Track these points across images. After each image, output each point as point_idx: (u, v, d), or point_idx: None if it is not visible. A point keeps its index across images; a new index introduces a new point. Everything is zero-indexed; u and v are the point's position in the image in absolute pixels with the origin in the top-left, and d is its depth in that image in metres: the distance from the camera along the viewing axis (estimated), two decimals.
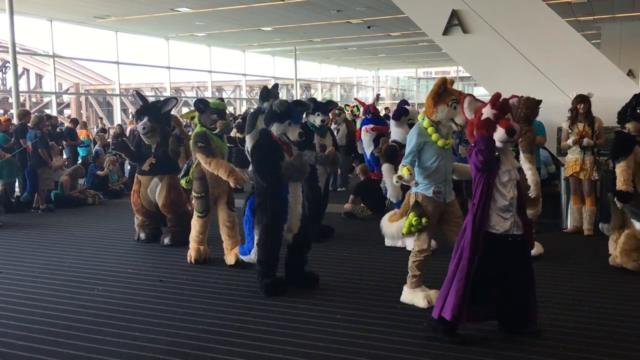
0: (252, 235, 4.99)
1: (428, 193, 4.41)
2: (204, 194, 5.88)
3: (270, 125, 4.84)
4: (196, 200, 5.95)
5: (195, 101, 5.99)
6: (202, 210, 5.94)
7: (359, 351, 3.76)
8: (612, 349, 3.73)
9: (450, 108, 4.35)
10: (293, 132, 4.82)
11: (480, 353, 3.69)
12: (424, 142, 4.40)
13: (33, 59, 28.24)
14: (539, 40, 7.89)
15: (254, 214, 4.91)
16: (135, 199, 6.96)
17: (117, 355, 3.77)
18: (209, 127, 5.82)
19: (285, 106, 4.79)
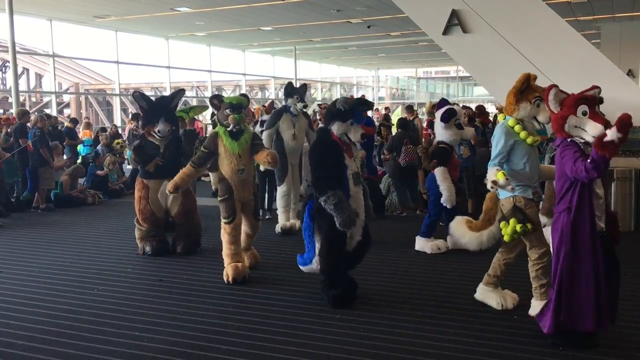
0: (312, 243, 4.67)
1: (527, 195, 4.15)
2: (227, 196, 5.39)
3: (330, 123, 4.55)
4: (220, 205, 5.45)
5: (210, 98, 5.64)
6: (228, 214, 5.38)
7: (359, 351, 3.76)
8: (613, 348, 3.73)
9: (533, 106, 4.13)
10: (355, 132, 4.52)
11: (479, 352, 3.69)
12: (513, 141, 4.15)
13: (33, 59, 28.23)
14: (539, 40, 7.89)
15: (314, 220, 4.59)
16: (144, 206, 6.31)
17: (118, 354, 3.77)
18: (223, 123, 5.49)
19: (350, 104, 4.53)
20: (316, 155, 4.55)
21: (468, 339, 3.90)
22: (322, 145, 4.56)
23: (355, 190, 4.53)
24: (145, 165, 6.35)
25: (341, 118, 4.50)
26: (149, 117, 6.31)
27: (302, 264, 4.87)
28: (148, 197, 6.31)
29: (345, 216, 4.30)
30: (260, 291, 5.00)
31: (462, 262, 5.85)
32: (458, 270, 5.58)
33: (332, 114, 4.54)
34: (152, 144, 6.35)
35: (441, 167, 6.17)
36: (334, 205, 4.30)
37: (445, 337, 3.95)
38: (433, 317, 4.32)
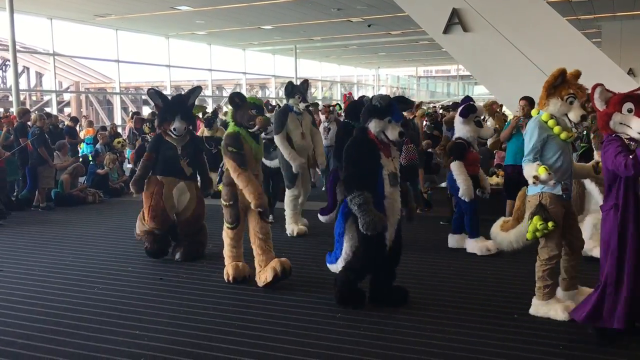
0: (341, 242, 4.54)
1: (557, 191, 4.05)
2: (232, 202, 5.17)
3: (367, 121, 4.38)
4: (225, 210, 5.24)
5: (231, 95, 5.22)
6: (232, 220, 5.20)
7: (359, 349, 3.76)
8: (616, 347, 3.73)
9: (565, 102, 4.03)
10: (393, 130, 4.34)
11: (479, 351, 3.69)
12: (547, 135, 4.05)
13: (33, 57, 28.25)
14: (540, 39, 7.90)
15: (347, 219, 4.46)
16: (156, 202, 5.92)
17: (118, 353, 3.77)
18: (246, 125, 5.08)
19: (387, 101, 4.36)
20: (350, 153, 4.37)
21: (469, 338, 3.89)
22: (357, 143, 4.39)
23: (391, 191, 4.35)
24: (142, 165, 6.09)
25: (378, 115, 4.32)
26: (164, 115, 6.05)
27: (330, 262, 4.77)
28: (162, 193, 5.95)
29: (369, 219, 4.14)
30: (260, 290, 4.99)
31: (463, 261, 5.85)
32: (459, 270, 5.57)
33: (369, 111, 4.38)
34: (169, 144, 6.04)
35: (457, 162, 6.11)
36: (358, 206, 4.18)
37: (445, 336, 3.94)
38: (434, 316, 4.31)
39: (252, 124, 5.04)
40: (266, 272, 4.98)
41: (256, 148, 5.17)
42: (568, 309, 4.09)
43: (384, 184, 4.32)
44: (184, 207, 6.08)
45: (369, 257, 4.37)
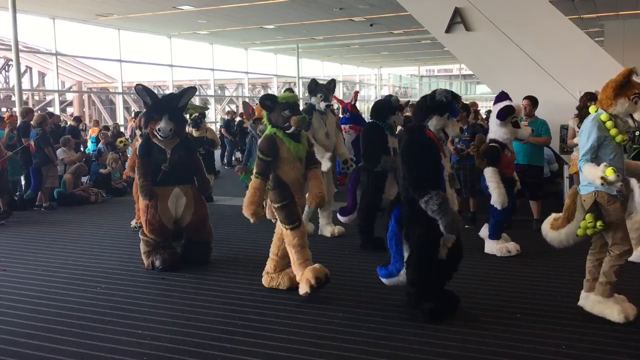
0: (400, 253, 4.25)
1: (611, 191, 3.97)
2: (287, 201, 4.81)
3: (427, 119, 4.17)
4: (279, 212, 4.85)
5: (261, 98, 4.97)
6: (293, 219, 4.81)
7: (362, 349, 3.76)
8: (614, 347, 3.72)
9: (631, 102, 3.99)
10: (453, 126, 4.18)
11: (482, 351, 3.69)
12: (603, 136, 3.98)
13: (36, 57, 28.26)
14: (542, 38, 7.89)
15: (402, 227, 4.19)
16: (152, 216, 5.63)
17: (120, 352, 3.77)
18: (281, 126, 4.84)
19: (450, 95, 4.14)
20: (412, 154, 4.09)
21: (472, 337, 3.89)
22: (418, 143, 4.12)
23: (450, 193, 4.13)
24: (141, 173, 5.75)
25: (439, 111, 4.14)
26: (151, 113, 5.73)
27: (386, 276, 4.42)
28: (157, 205, 5.65)
29: (451, 218, 3.91)
30: (264, 290, 4.99)
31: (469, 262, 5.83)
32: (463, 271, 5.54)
33: (430, 108, 4.16)
34: (158, 147, 5.69)
35: (490, 168, 5.90)
36: (438, 206, 3.88)
37: (447, 335, 3.94)
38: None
39: (287, 125, 4.80)
40: (279, 278, 4.92)
41: (296, 148, 4.85)
42: (625, 312, 4.03)
43: (445, 186, 4.10)
44: (182, 212, 5.79)
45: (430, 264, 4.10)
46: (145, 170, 5.67)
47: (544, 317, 4.21)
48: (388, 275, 4.40)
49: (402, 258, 4.23)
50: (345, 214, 6.72)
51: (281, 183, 4.84)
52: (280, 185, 4.84)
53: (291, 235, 4.79)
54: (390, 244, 4.31)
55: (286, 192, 4.82)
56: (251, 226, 7.12)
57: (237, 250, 6.49)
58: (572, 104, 6.93)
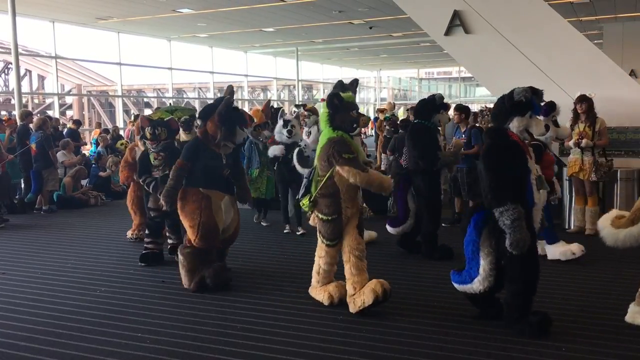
0: (476, 260, 4.05)
1: None
2: (335, 216, 4.50)
3: (507, 121, 3.95)
4: (324, 225, 4.55)
5: (330, 96, 4.55)
6: (334, 237, 4.53)
7: (361, 352, 3.75)
8: (615, 349, 3.72)
9: None
10: (537, 125, 3.96)
11: (482, 354, 3.68)
12: None
13: (35, 61, 28.27)
14: (541, 41, 7.89)
15: (480, 234, 4.00)
16: (207, 217, 5.01)
17: (120, 355, 3.77)
18: (347, 128, 4.51)
19: (530, 93, 3.93)
20: (495, 161, 3.86)
21: (470, 340, 3.88)
22: (502, 148, 3.89)
23: (538, 196, 3.94)
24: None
25: (520, 112, 3.91)
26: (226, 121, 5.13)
27: (459, 282, 4.20)
28: (211, 208, 5.09)
29: (519, 237, 3.70)
30: (263, 294, 4.99)
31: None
32: None
33: (510, 109, 3.93)
34: (213, 153, 5.17)
35: None
36: (512, 222, 3.70)
37: (447, 337, 3.94)
38: (435, 318, 4.30)
39: (355, 126, 4.56)
40: (363, 295, 4.34)
41: (359, 149, 4.67)
42: None
43: (532, 190, 3.90)
44: (228, 224, 5.30)
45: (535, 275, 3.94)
46: (181, 174, 5.10)
47: None
48: (462, 281, 4.18)
49: (477, 265, 4.02)
50: (396, 224, 6.32)
51: (334, 192, 4.48)
52: (332, 195, 4.49)
53: (326, 252, 4.59)
54: (466, 250, 4.10)
55: (337, 204, 4.51)
56: (247, 230, 7.14)
57: (236, 253, 6.48)
58: (571, 106, 6.94)
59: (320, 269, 4.66)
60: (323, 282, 4.68)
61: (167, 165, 5.80)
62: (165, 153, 5.92)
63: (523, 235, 3.72)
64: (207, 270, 5.03)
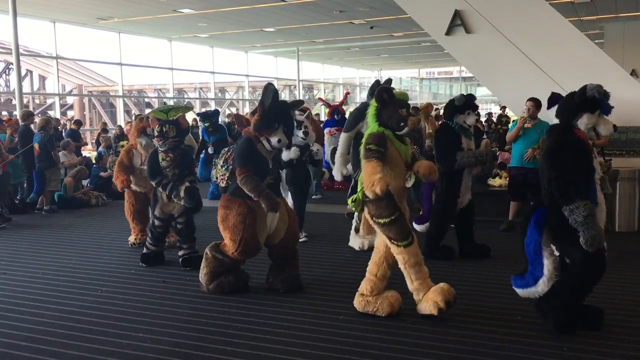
0: (539, 261, 3.90)
1: None
2: (398, 214, 4.17)
3: (576, 117, 3.85)
4: (388, 228, 4.17)
5: (379, 90, 4.30)
6: (407, 234, 4.16)
7: (362, 352, 3.75)
8: (616, 349, 3.71)
9: None
10: (606, 124, 3.85)
11: (482, 354, 3.68)
12: None
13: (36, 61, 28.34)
14: (542, 40, 7.89)
15: (542, 233, 3.88)
16: (250, 235, 4.72)
17: (121, 356, 3.77)
18: (394, 126, 4.23)
19: (603, 90, 3.81)
20: (563, 158, 3.75)
21: (470, 339, 3.88)
22: (569, 146, 3.78)
23: (601, 197, 3.86)
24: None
25: (590, 108, 3.81)
26: (271, 120, 4.69)
27: (522, 286, 4.03)
28: (255, 225, 4.77)
29: (594, 233, 3.62)
30: (264, 295, 4.99)
31: (464, 268, 5.83)
32: (462, 276, 5.55)
33: (580, 105, 3.83)
34: (261, 156, 4.74)
35: None
36: (584, 218, 3.60)
37: (447, 337, 3.93)
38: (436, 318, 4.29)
39: (402, 125, 4.24)
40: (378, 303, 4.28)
41: (405, 150, 4.33)
42: None
43: (596, 189, 3.82)
44: (274, 228, 4.95)
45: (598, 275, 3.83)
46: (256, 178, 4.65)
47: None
48: (525, 285, 4.00)
49: (541, 265, 3.89)
50: (422, 222, 6.36)
51: (387, 192, 4.10)
52: (385, 196, 4.11)
53: (406, 253, 4.15)
54: (527, 250, 3.95)
55: (393, 203, 4.16)
56: None
57: None
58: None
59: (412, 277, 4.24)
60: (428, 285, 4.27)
61: (177, 167, 5.69)
62: (174, 154, 5.68)
63: (597, 232, 3.64)
64: (228, 276, 4.91)
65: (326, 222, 7.94)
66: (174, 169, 5.69)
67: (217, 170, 5.11)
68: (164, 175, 5.68)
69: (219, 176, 5.08)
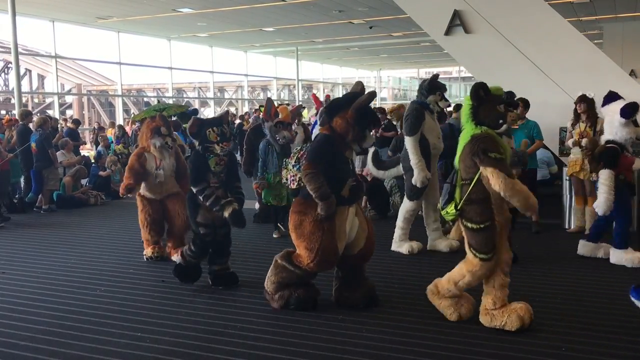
0: None
1: None
2: (488, 224, 3.93)
3: None
4: (475, 235, 3.95)
5: (475, 86, 4.03)
6: (488, 248, 3.91)
7: (362, 352, 3.75)
8: (616, 349, 3.72)
9: None
10: None
11: (483, 354, 3.68)
12: None
13: (35, 60, 28.27)
14: (541, 41, 7.90)
15: None
16: (329, 242, 4.24)
17: (120, 355, 3.77)
18: (493, 124, 3.97)
19: None
20: None
21: (471, 340, 3.88)
22: None
23: None
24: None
25: None
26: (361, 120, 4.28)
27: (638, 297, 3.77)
28: (334, 231, 4.30)
29: None
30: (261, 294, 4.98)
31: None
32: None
33: None
34: (342, 156, 4.36)
35: (607, 170, 5.42)
36: None
37: (448, 337, 3.93)
38: (437, 318, 4.29)
39: (501, 122, 4.00)
40: (506, 317, 3.96)
41: (507, 150, 4.06)
42: None
43: None
44: (357, 235, 4.52)
45: None
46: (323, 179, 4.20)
47: (543, 318, 4.20)
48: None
49: None
50: None
51: (485, 197, 3.91)
52: (483, 200, 3.91)
53: (480, 266, 3.95)
54: None
55: (489, 210, 3.95)
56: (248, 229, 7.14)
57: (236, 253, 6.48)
58: (571, 106, 6.94)
59: (462, 282, 4.06)
60: (454, 294, 4.14)
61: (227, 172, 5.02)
62: (227, 158, 5.01)
63: None
64: (297, 290, 4.45)
65: None
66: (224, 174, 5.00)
67: (288, 170, 4.73)
68: (209, 182, 4.87)
69: (289, 177, 4.71)
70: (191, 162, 5.03)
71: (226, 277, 5.19)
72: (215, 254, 5.16)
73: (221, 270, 5.20)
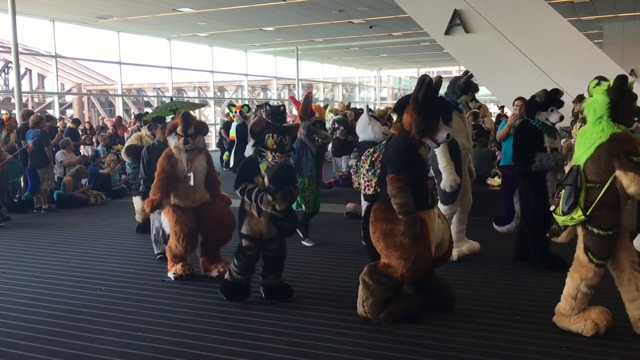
0: None
1: None
2: (616, 230, 3.76)
3: None
4: (599, 241, 3.74)
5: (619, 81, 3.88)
6: (607, 254, 3.78)
7: (362, 351, 3.75)
8: (616, 349, 3.72)
9: None
10: None
11: (483, 354, 3.69)
12: None
13: (35, 60, 28.27)
14: (541, 40, 7.91)
15: None
16: (425, 248, 4.05)
17: (120, 355, 3.77)
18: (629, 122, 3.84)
19: None
20: None
21: (471, 340, 3.89)
22: None
23: None
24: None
25: None
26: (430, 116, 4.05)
27: None
28: (428, 236, 4.08)
29: None
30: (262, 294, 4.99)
31: (464, 268, 5.83)
32: (462, 276, 5.55)
33: None
34: (420, 159, 4.14)
35: None
36: None
37: (447, 337, 3.94)
38: (437, 317, 4.29)
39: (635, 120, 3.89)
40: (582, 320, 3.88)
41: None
42: None
43: None
44: (443, 238, 4.33)
45: None
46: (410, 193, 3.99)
47: (543, 318, 4.20)
48: None
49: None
50: (501, 223, 5.89)
51: (616, 201, 3.72)
52: (614, 205, 3.72)
53: (594, 272, 3.79)
54: None
55: (619, 216, 3.75)
56: None
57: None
58: (570, 105, 6.94)
59: (579, 293, 3.87)
60: (580, 309, 3.91)
61: None
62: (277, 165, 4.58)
63: None
64: (399, 303, 4.20)
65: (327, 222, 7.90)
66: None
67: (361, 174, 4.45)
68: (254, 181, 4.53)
69: (363, 182, 4.44)
70: (243, 164, 4.69)
71: (279, 289, 4.80)
72: (266, 267, 4.79)
73: (274, 283, 4.82)
